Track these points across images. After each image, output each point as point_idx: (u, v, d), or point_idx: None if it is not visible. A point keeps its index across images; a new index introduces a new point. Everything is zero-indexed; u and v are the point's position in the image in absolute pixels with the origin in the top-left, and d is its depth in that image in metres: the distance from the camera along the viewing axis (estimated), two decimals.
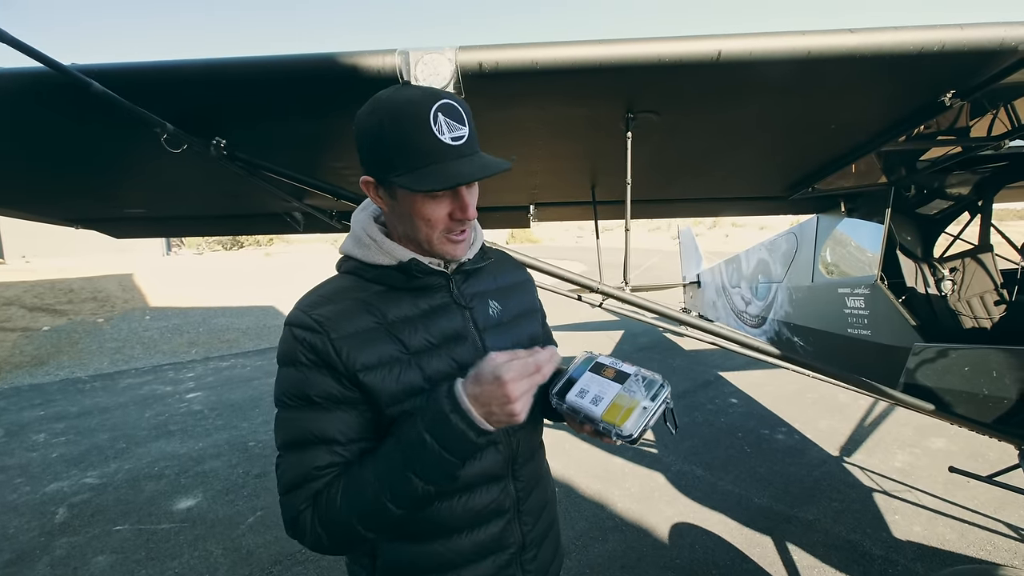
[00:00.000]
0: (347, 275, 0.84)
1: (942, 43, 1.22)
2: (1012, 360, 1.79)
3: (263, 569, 2.65)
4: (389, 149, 0.72)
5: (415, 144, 0.70)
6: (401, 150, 0.71)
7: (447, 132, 0.70)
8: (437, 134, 0.70)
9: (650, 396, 0.77)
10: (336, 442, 0.74)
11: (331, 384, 0.74)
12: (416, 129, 0.70)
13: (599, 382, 0.81)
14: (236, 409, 5.30)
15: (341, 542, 0.75)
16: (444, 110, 0.71)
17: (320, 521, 0.72)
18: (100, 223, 2.69)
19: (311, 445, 0.74)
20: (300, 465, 0.74)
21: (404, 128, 0.70)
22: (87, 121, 1.30)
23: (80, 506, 3.39)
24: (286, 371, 0.76)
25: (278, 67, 1.22)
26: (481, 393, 0.69)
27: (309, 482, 0.73)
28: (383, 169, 0.74)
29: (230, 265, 16.87)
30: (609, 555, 2.66)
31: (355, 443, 0.76)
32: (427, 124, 0.69)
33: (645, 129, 1.64)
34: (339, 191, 1.63)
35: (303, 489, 0.73)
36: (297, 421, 0.75)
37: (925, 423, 4.15)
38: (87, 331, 8.96)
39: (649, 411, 0.75)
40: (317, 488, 0.73)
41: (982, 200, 2.51)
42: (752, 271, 4.42)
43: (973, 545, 2.65)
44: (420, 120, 0.69)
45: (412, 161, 0.71)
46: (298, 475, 0.74)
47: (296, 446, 0.75)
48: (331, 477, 0.74)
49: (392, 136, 0.71)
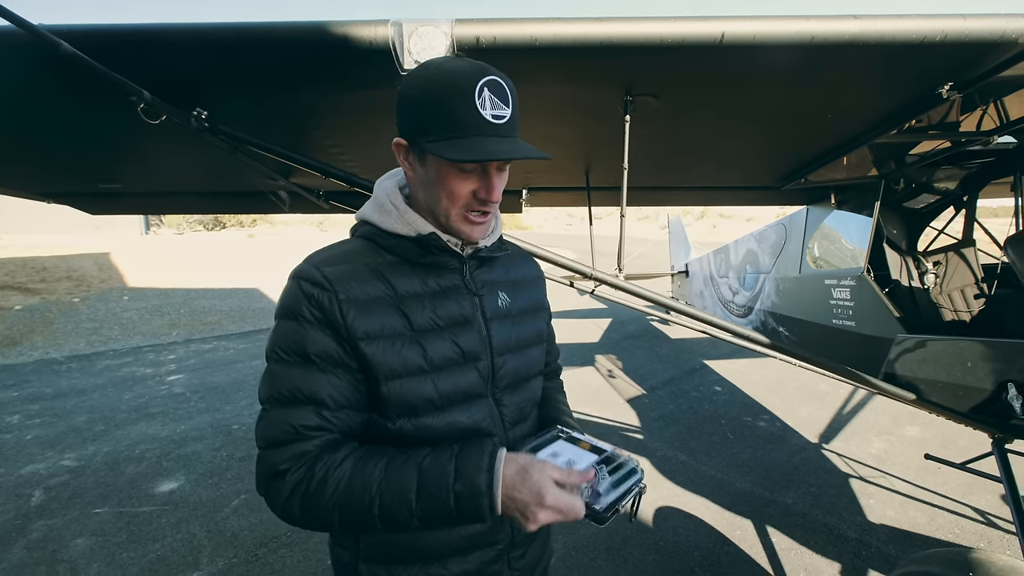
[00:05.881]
0: (361, 239, 0.83)
1: (944, 32, 1.21)
2: (988, 352, 1.84)
3: (248, 551, 2.63)
4: (428, 112, 0.72)
5: (455, 113, 0.70)
6: (440, 116, 0.71)
7: (489, 108, 0.70)
8: (479, 108, 0.69)
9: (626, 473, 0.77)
10: (324, 405, 0.73)
11: (331, 344, 0.73)
12: (459, 98, 0.69)
13: (573, 450, 0.81)
14: (219, 392, 5.22)
15: (311, 523, 0.74)
16: (491, 87, 0.70)
17: (303, 496, 0.71)
18: (73, 198, 2.58)
19: (300, 404, 0.72)
20: (286, 422, 0.72)
21: (447, 95, 0.70)
22: (57, 86, 1.23)
23: (57, 488, 3.32)
24: (286, 324, 0.74)
25: (265, 35, 1.16)
26: (517, 495, 0.69)
27: (295, 441, 0.72)
28: (418, 132, 0.74)
29: (212, 245, 16.47)
30: (594, 538, 2.70)
31: (343, 410, 0.74)
32: (471, 96, 0.69)
33: (643, 113, 1.62)
34: (328, 169, 1.58)
35: (288, 448, 0.72)
36: (289, 377, 0.73)
37: (901, 412, 4.29)
38: (62, 311, 8.70)
39: (621, 489, 0.74)
40: (303, 450, 0.72)
41: (967, 195, 2.55)
42: (740, 261, 4.46)
43: (942, 528, 2.76)
44: (465, 91, 0.69)
45: (448, 129, 0.70)
46: (283, 432, 0.72)
47: (283, 402, 0.73)
48: (320, 446, 0.72)
49: (434, 101, 0.71)
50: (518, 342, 0.88)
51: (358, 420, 0.77)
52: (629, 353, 6.54)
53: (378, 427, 0.78)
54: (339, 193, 2.08)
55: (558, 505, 0.68)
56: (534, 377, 0.94)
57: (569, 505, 0.69)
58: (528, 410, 0.93)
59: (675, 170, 2.62)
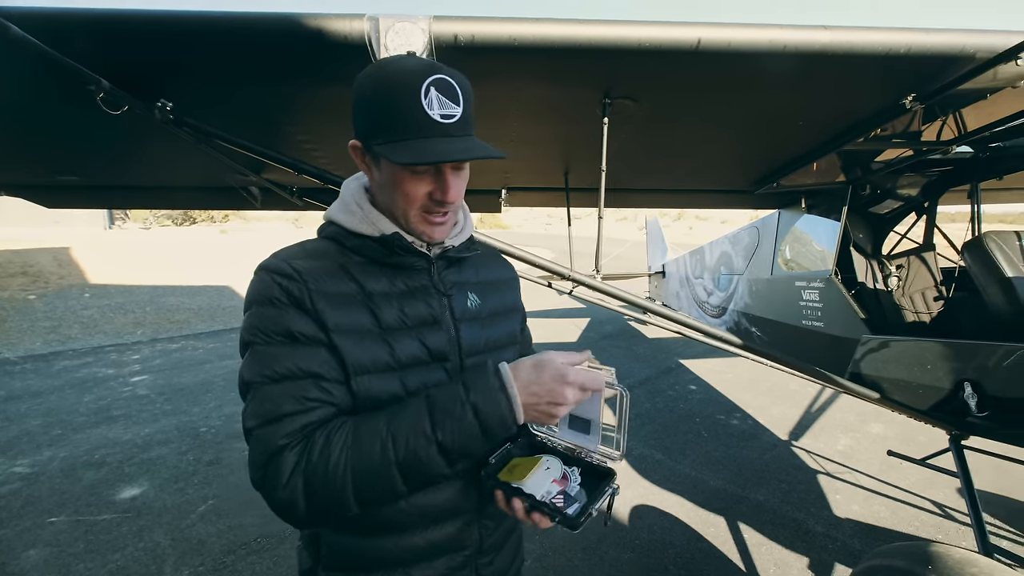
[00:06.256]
0: (327, 240, 0.82)
1: (908, 46, 1.26)
2: (946, 352, 1.92)
3: (215, 559, 2.54)
4: (376, 115, 0.70)
5: (401, 114, 0.68)
6: (387, 118, 0.69)
7: (437, 108, 0.68)
8: (426, 108, 0.68)
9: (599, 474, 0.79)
10: (322, 377, 0.70)
11: (310, 325, 0.71)
12: (405, 99, 0.68)
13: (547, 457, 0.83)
14: (186, 393, 5.04)
15: (320, 505, 0.65)
16: (438, 85, 0.68)
17: (306, 468, 0.64)
18: (27, 190, 2.44)
19: (297, 378, 0.68)
20: (286, 394, 0.67)
21: (394, 96, 0.68)
22: (5, 71, 1.15)
23: (8, 497, 3.13)
24: (263, 309, 0.71)
25: (234, 24, 1.12)
26: (539, 385, 0.69)
27: (296, 413, 0.67)
28: (369, 135, 0.73)
29: (181, 241, 15.89)
30: (570, 537, 2.71)
31: (338, 384, 0.71)
32: (416, 96, 0.67)
33: (621, 116, 1.63)
34: (300, 165, 1.53)
35: (287, 421, 0.66)
36: (279, 356, 0.69)
37: (865, 410, 4.45)
38: (16, 308, 8.25)
39: (596, 493, 0.76)
40: (307, 421, 0.67)
41: (928, 202, 2.67)
42: (715, 263, 4.56)
43: (903, 522, 2.88)
44: (410, 91, 0.67)
45: (396, 132, 0.69)
46: (282, 405, 0.67)
47: (278, 379, 0.68)
48: (322, 416, 0.68)
49: (381, 102, 0.69)
50: (488, 344, 0.87)
51: (350, 398, 0.73)
52: (607, 352, 6.60)
53: None
54: (312, 190, 2.02)
55: (580, 379, 0.70)
56: None
57: (591, 377, 0.71)
58: None
59: (652, 173, 2.65)
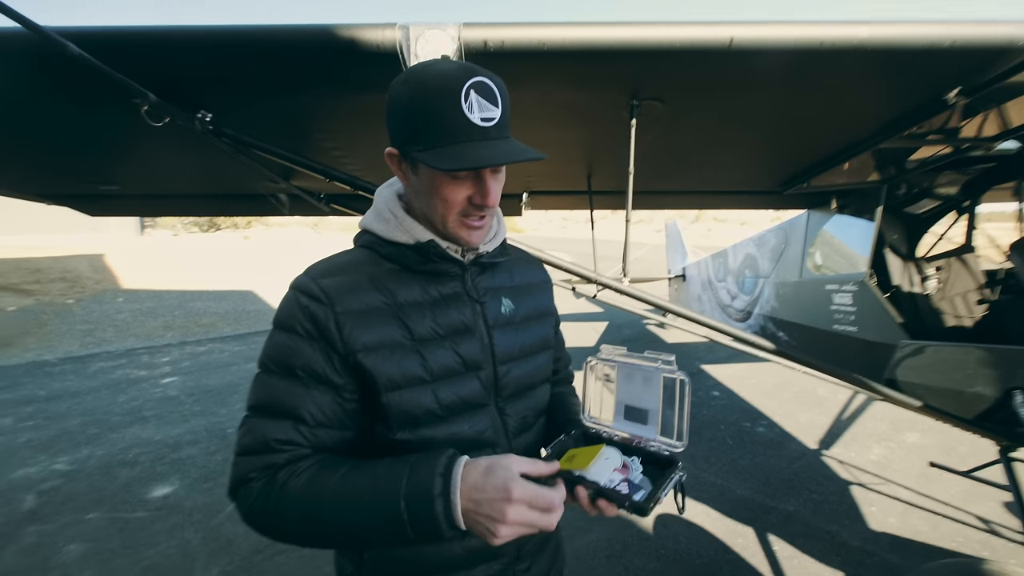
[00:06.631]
0: (362, 249, 0.82)
1: (953, 40, 1.21)
2: (994, 358, 1.83)
3: (243, 558, 2.59)
4: (414, 121, 0.69)
5: (441, 120, 0.67)
6: (426, 124, 0.68)
7: (477, 111, 0.67)
8: (466, 112, 0.67)
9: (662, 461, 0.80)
10: (302, 421, 0.72)
11: (320, 361, 0.72)
12: (445, 104, 0.67)
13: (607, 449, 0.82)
14: (214, 395, 5.17)
15: (274, 532, 0.72)
16: (478, 88, 0.67)
17: (263, 504, 0.70)
18: (74, 200, 2.55)
19: (277, 416, 0.72)
20: (261, 432, 0.72)
21: (433, 102, 0.67)
22: (62, 87, 1.21)
23: (50, 493, 3.26)
24: (279, 335, 0.74)
25: (271, 38, 1.15)
26: (480, 495, 0.64)
27: (264, 453, 0.71)
28: (407, 142, 0.72)
29: (207, 247, 16.39)
30: (594, 545, 2.67)
31: (322, 427, 0.73)
32: (457, 100, 0.66)
33: (649, 117, 1.61)
34: (332, 172, 1.56)
35: (258, 458, 0.71)
36: (272, 388, 0.73)
37: (900, 418, 4.29)
38: (56, 312, 8.62)
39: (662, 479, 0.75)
40: (271, 462, 0.71)
41: (969, 201, 2.56)
42: (739, 266, 4.46)
43: (946, 536, 2.74)
44: (450, 95, 0.66)
45: (436, 137, 0.68)
46: (256, 442, 0.72)
47: (263, 412, 0.73)
48: (288, 459, 0.71)
49: (419, 109, 0.68)
50: (522, 349, 0.86)
51: (336, 438, 0.75)
52: None
53: (380, 438, 0.77)
54: (340, 196, 2.06)
55: (526, 496, 0.63)
56: (539, 385, 0.92)
57: (537, 495, 0.64)
58: (532, 419, 0.90)
59: (677, 174, 2.62)
